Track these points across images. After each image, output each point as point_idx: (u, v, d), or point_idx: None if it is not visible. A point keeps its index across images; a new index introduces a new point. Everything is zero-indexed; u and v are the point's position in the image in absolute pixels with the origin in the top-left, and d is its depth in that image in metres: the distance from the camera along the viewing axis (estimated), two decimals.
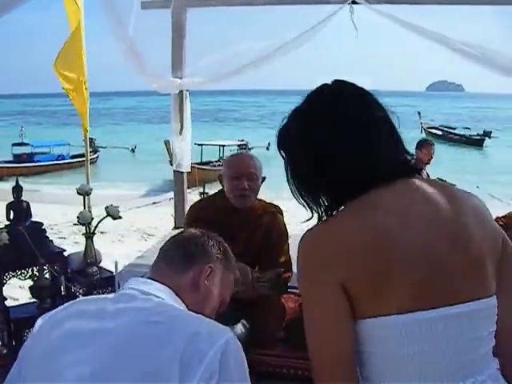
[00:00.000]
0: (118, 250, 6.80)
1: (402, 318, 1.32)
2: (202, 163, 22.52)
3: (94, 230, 3.17)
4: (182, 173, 6.17)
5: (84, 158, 25.28)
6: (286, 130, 1.55)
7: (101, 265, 3.35)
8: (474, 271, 1.38)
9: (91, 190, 3.21)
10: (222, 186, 3.39)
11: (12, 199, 3.10)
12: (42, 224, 3.15)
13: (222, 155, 23.70)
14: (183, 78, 5.63)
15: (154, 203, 15.79)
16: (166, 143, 19.06)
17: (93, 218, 3.12)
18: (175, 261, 1.77)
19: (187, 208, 6.26)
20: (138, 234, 10.41)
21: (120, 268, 2.94)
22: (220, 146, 24.14)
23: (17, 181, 3.12)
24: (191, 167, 18.83)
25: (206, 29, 5.78)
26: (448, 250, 1.36)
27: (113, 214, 3.14)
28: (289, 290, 3.35)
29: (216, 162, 23.55)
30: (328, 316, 1.36)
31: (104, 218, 3.13)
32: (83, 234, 3.19)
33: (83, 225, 3.11)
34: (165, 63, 5.67)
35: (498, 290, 1.43)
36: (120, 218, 3.18)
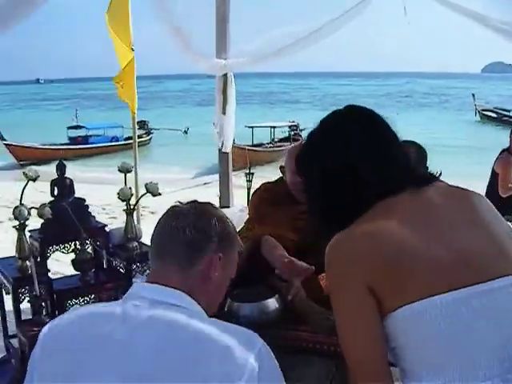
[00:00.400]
0: None
1: (431, 301, 1.35)
2: (253, 145, 22.57)
3: (135, 206, 3.25)
4: (227, 153, 6.18)
5: (138, 140, 25.68)
6: (304, 154, 1.73)
7: (142, 240, 3.41)
8: (497, 252, 1.42)
9: (132, 167, 3.28)
10: (283, 175, 3.33)
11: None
12: (84, 200, 3.23)
13: (273, 137, 23.69)
14: (227, 59, 5.65)
15: (204, 184, 15.89)
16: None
17: (132, 195, 3.18)
18: (178, 255, 1.53)
19: (231, 188, 6.29)
20: None
21: None
22: (271, 127, 24.01)
23: (60, 160, 3.21)
24: (243, 149, 18.96)
25: (249, 11, 5.79)
26: (466, 238, 1.43)
27: (152, 190, 3.21)
28: None
29: (268, 143, 23.61)
30: (358, 318, 1.42)
31: (144, 195, 3.19)
32: (124, 210, 3.25)
33: (123, 201, 3.18)
34: (209, 45, 5.69)
35: None
36: (159, 194, 3.24)
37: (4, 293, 3.52)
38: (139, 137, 27.82)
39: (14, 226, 3.15)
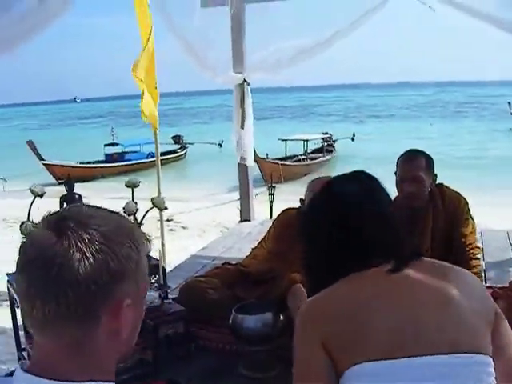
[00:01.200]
0: (195, 243, 7.03)
1: (380, 365, 1.40)
2: (286, 158, 22.77)
3: (142, 220, 3.33)
4: (246, 166, 6.26)
5: (172, 156, 25.73)
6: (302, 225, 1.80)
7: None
8: (455, 327, 1.47)
9: (139, 182, 3.39)
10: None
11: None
12: None
13: (306, 149, 23.75)
14: (244, 71, 5.74)
15: (238, 199, 16.04)
16: None
17: (137, 209, 3.29)
18: (63, 321, 1.00)
19: (252, 201, 6.40)
20: (217, 228, 10.63)
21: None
22: (304, 140, 24.02)
23: (68, 175, 3.37)
24: (276, 164, 18.98)
25: (263, 23, 5.83)
26: (428, 315, 1.48)
27: (158, 205, 3.33)
28: None
29: (301, 155, 23.67)
30: (311, 372, 1.49)
31: (150, 209, 3.30)
32: None
33: (129, 215, 3.29)
34: (226, 58, 5.77)
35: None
36: (166, 208, 3.35)
37: (16, 306, 3.65)
38: (174, 152, 28.34)
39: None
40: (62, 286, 0.98)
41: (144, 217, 3.32)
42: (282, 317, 3.01)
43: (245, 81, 5.67)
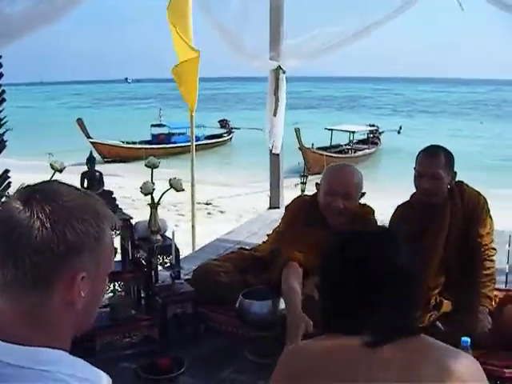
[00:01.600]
0: (229, 227, 7.05)
1: None
2: (331, 147, 22.80)
3: (158, 201, 3.36)
4: (277, 155, 6.24)
5: (218, 140, 25.79)
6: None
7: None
8: None
9: (159, 163, 3.42)
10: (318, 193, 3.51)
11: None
12: (112, 192, 3.40)
13: (351, 139, 23.62)
14: (280, 58, 5.68)
15: (295, 185, 16.00)
16: (296, 130, 19.21)
17: (154, 189, 3.32)
18: (21, 285, 1.06)
19: (282, 189, 6.41)
20: (254, 214, 10.70)
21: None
22: (350, 132, 23.81)
23: (90, 153, 3.40)
24: (321, 155, 18.89)
25: (301, 10, 5.73)
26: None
27: (175, 186, 3.35)
28: None
29: (345, 145, 23.55)
30: None
31: (167, 190, 3.32)
32: (148, 204, 3.40)
33: (146, 195, 3.32)
34: (262, 44, 5.72)
35: None
36: (183, 190, 3.37)
37: None
38: (220, 136, 28.48)
39: None
40: (20, 251, 1.03)
41: (161, 197, 3.36)
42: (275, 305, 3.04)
43: (280, 68, 5.64)
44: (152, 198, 3.36)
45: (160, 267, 3.37)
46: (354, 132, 23.68)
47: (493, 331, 3.07)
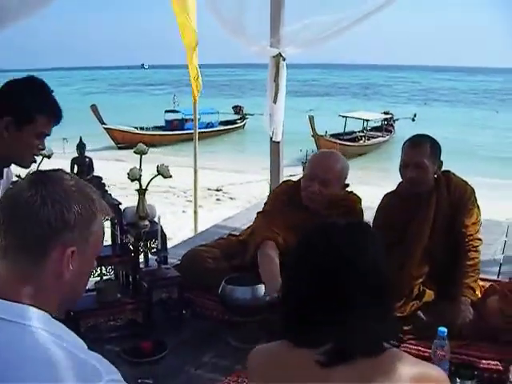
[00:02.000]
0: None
1: None
2: (344, 133, 22.75)
3: (146, 186, 3.37)
4: (278, 143, 6.20)
5: (231, 126, 25.76)
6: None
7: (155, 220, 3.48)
8: None
9: (147, 150, 3.41)
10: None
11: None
12: (101, 178, 3.42)
13: (365, 126, 23.60)
14: (280, 45, 5.63)
15: (290, 175, 16.02)
16: (310, 118, 19.17)
17: (141, 176, 3.32)
18: (19, 251, 1.28)
19: (281, 178, 6.41)
20: (262, 202, 10.72)
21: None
22: (364, 120, 23.75)
23: (80, 139, 3.42)
24: (334, 142, 18.91)
25: None
26: None
27: (163, 172, 3.35)
28: None
29: (359, 132, 23.47)
30: None
31: (155, 177, 3.33)
32: (136, 190, 3.41)
33: (132, 181, 3.33)
34: (262, 30, 5.68)
35: None
36: (170, 176, 3.37)
37: None
38: (234, 122, 28.48)
39: None
40: (23, 222, 1.26)
41: (149, 183, 3.38)
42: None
43: (280, 55, 5.61)
44: (140, 184, 3.38)
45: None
46: (368, 120, 23.61)
47: (474, 322, 3.07)
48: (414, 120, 27.14)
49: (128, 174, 3.32)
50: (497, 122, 32.18)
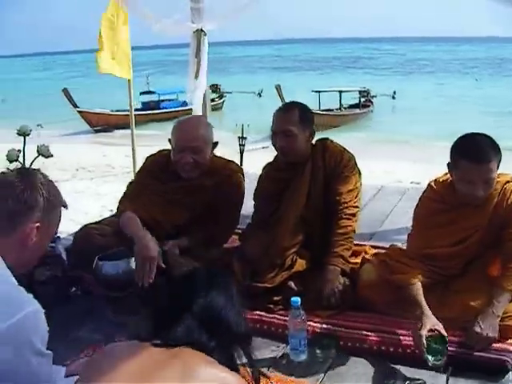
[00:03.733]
0: None
1: None
2: (319, 110, 22.23)
3: (30, 165, 3.38)
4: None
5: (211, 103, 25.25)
6: None
7: None
8: None
9: (31, 130, 3.41)
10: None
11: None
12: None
13: (341, 102, 23.30)
14: (202, 20, 5.60)
15: (263, 148, 15.88)
16: (277, 88, 18.89)
17: (18, 156, 3.33)
18: (2, 218, 1.76)
19: None
20: None
21: None
22: (339, 91, 23.25)
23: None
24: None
25: None
26: None
27: (43, 152, 3.37)
28: None
29: (336, 109, 23.15)
30: None
31: (36, 157, 3.34)
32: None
33: (11, 162, 3.34)
34: (182, 8, 5.68)
35: None
36: (51, 156, 3.38)
37: None
38: (212, 100, 28.22)
39: None
40: (7, 198, 1.74)
41: (32, 163, 3.39)
42: None
43: (202, 30, 5.60)
44: (21, 164, 3.39)
45: None
46: (341, 92, 23.25)
47: (346, 291, 3.08)
48: (394, 98, 27.05)
49: (6, 155, 3.34)
50: (474, 90, 32.12)
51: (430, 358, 2.47)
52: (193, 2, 5.54)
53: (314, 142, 3.42)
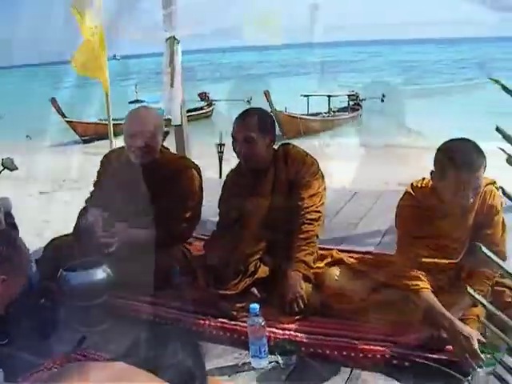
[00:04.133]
0: None
1: None
2: (308, 115, 22.25)
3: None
4: (180, 126, 6.18)
5: (197, 112, 25.30)
6: None
7: None
8: None
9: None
10: None
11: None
12: None
13: (330, 106, 23.32)
14: (174, 28, 5.62)
15: None
16: (266, 93, 18.97)
17: None
18: None
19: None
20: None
21: None
22: (328, 96, 23.33)
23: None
24: (295, 117, 18.76)
25: None
26: None
27: (8, 165, 3.38)
28: None
29: (325, 113, 23.20)
30: None
31: (2, 170, 3.35)
32: None
33: None
34: (155, 17, 5.70)
35: None
36: (16, 169, 3.39)
37: None
38: (201, 109, 28.18)
39: None
40: None
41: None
42: (107, 274, 3.10)
43: (174, 38, 5.60)
44: None
45: None
46: (330, 96, 23.32)
47: (309, 296, 3.07)
48: (382, 101, 27.12)
49: None
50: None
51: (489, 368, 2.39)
52: (164, 8, 5.56)
53: (276, 147, 3.44)
